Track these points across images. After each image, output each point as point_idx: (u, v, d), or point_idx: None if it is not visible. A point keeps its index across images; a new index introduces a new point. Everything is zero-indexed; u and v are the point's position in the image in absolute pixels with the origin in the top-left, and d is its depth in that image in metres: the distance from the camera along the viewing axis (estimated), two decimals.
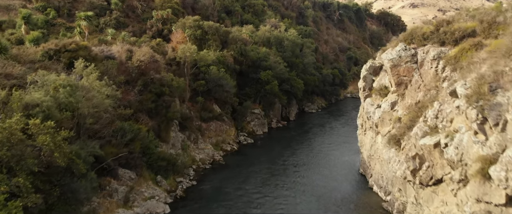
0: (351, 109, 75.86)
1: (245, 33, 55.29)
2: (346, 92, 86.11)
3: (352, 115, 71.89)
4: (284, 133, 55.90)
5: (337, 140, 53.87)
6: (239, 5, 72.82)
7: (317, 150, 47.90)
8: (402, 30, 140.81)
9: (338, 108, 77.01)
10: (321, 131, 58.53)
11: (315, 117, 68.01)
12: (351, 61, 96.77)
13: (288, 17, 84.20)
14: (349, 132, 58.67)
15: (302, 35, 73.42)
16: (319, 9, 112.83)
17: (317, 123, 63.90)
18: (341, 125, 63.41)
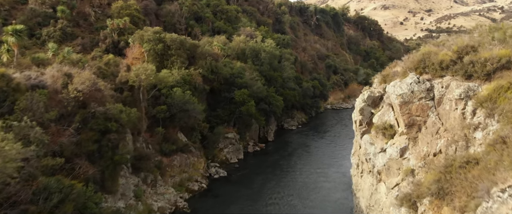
0: (334, 123, 69.54)
1: (216, 46, 47.45)
2: (326, 104, 79.84)
3: (336, 131, 65.59)
4: (263, 158, 48.47)
5: (324, 164, 46.98)
6: (210, 11, 64.82)
7: (303, 182, 40.72)
8: (379, 34, 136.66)
9: (319, 122, 70.43)
10: (305, 153, 51.52)
11: (296, 135, 61.01)
12: (330, 70, 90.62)
13: (265, 24, 76.86)
14: (336, 153, 52.03)
15: (280, 45, 66.30)
16: (295, 14, 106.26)
17: (300, 142, 56.89)
18: (326, 144, 56.64)
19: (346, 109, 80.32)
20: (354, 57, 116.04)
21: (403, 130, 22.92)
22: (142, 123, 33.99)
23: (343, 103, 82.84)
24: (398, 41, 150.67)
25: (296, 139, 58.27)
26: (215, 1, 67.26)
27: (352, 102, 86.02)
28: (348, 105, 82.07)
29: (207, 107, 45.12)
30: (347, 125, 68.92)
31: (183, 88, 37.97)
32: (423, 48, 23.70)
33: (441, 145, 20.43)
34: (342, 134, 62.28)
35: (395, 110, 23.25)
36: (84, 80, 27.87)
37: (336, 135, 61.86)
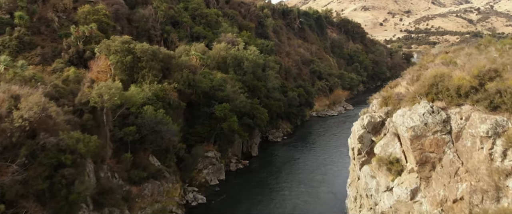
0: (321, 133, 65.85)
1: (194, 55, 42.91)
2: (312, 111, 76.22)
3: (324, 142, 61.84)
4: (247, 178, 44.18)
5: (315, 181, 43.06)
6: (188, 16, 60.08)
7: (293, 204, 36.73)
8: (361, 37, 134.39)
9: (306, 131, 66.64)
10: (293, 169, 47.48)
11: (282, 147, 56.97)
12: (315, 75, 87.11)
13: (247, 28, 72.60)
14: (326, 167, 48.17)
15: (264, 51, 62.24)
16: (278, 17, 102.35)
17: (286, 156, 52.88)
18: (314, 157, 52.71)
19: (332, 117, 76.97)
20: (337, 61, 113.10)
21: (414, 167, 19.22)
22: (106, 149, 29.27)
23: (329, 110, 79.39)
24: (381, 44, 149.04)
25: (282, 152, 54.29)
26: (194, 5, 62.58)
27: (337, 109, 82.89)
28: (333, 113, 78.72)
29: (184, 122, 40.61)
30: (335, 133, 65.52)
31: (155, 105, 33.37)
32: (434, 70, 20.04)
33: (463, 191, 16.78)
34: (331, 145, 58.74)
35: (404, 143, 19.53)
36: (32, 106, 23.03)
37: (324, 146, 58.22)
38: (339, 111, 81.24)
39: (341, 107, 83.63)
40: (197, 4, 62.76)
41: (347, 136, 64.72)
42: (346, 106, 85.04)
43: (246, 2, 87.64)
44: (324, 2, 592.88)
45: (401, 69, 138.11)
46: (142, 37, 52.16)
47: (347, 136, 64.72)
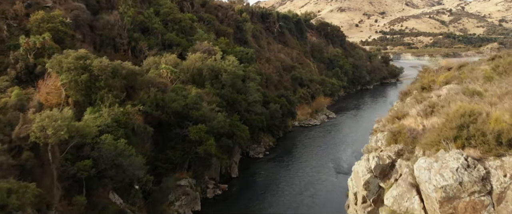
0: (305, 145, 61.22)
1: (165, 69, 37.53)
2: (294, 121, 71.91)
3: (309, 156, 56.70)
4: (226, 205, 38.91)
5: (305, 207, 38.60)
6: (159, 21, 54.43)
7: None
8: (341, 41, 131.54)
9: (290, 144, 62.07)
10: (278, 193, 42.45)
11: (264, 164, 52.13)
12: (297, 82, 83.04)
13: (225, 34, 67.52)
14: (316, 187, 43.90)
15: (244, 60, 57.39)
16: (257, 21, 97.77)
17: (269, 175, 47.99)
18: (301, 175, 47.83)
19: (315, 126, 72.89)
20: (318, 65, 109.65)
21: None
22: (53, 192, 23.71)
23: (311, 119, 75.30)
24: (361, 48, 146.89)
25: (265, 171, 49.48)
26: (166, 9, 56.94)
27: (320, 117, 78.92)
28: (316, 122, 74.66)
29: (153, 146, 35.24)
30: (320, 145, 61.30)
31: (115, 133, 27.90)
32: (460, 106, 15.76)
33: None
34: (317, 159, 54.50)
35: (427, 202, 15.09)
36: None
37: (310, 161, 53.84)
38: (322, 119, 77.35)
39: (324, 115, 79.80)
40: (170, 9, 57.16)
41: (332, 147, 61.06)
42: (329, 114, 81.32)
43: (223, 5, 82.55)
44: (301, 3, 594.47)
45: (381, 72, 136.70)
46: (106, 46, 46.36)
47: (332, 147, 61.06)
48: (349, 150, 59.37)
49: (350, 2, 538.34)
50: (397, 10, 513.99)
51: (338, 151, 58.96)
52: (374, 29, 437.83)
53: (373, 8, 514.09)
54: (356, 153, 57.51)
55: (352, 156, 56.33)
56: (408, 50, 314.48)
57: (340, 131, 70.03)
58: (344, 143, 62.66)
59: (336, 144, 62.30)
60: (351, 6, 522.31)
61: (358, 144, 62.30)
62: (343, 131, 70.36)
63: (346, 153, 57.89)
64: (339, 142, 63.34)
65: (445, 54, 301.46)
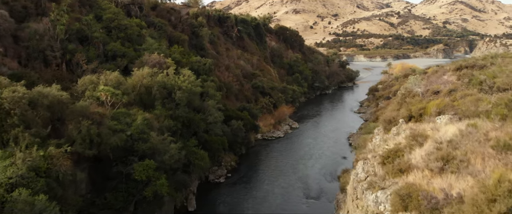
0: (270, 163, 55.36)
1: (102, 92, 30.52)
2: (257, 134, 66.67)
3: (275, 174, 50.24)
4: None
5: None
6: (100, 29, 46.71)
7: None
8: (300, 45, 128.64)
9: (253, 162, 56.21)
10: None
11: (226, 190, 45.87)
12: (258, 91, 78.00)
13: (179, 41, 60.73)
14: None
15: (201, 71, 51.18)
16: (214, 24, 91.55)
17: (232, 205, 41.88)
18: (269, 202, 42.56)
19: (278, 138, 68.13)
20: (278, 71, 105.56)
21: None
22: None
23: (275, 131, 70.49)
24: (319, 52, 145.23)
25: (227, 199, 43.36)
26: (109, 15, 49.16)
27: (283, 128, 74.28)
28: (280, 134, 69.94)
29: (90, 187, 28.28)
30: (286, 162, 55.85)
31: (33, 186, 20.91)
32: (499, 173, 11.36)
33: None
34: (284, 178, 49.59)
35: None
36: None
37: (276, 180, 48.64)
38: (285, 130, 72.84)
39: (287, 125, 75.40)
40: (114, 14, 49.49)
41: (299, 163, 56.20)
42: (292, 124, 77.08)
43: (176, 8, 75.47)
44: (257, 3, 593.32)
45: (338, 77, 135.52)
46: (34, 60, 38.15)
47: (299, 163, 56.20)
48: (317, 165, 55.11)
49: (304, 4, 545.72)
50: (349, 12, 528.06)
51: (306, 167, 54.49)
52: (328, 31, 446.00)
53: (326, 10, 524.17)
54: (324, 169, 53.34)
55: (320, 174, 52.06)
56: (360, 52, 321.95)
57: (305, 143, 65.83)
58: (311, 157, 58.40)
59: (303, 158, 57.83)
60: (305, 8, 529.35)
61: (326, 159, 58.31)
62: (308, 143, 66.24)
63: (314, 170, 53.54)
64: (306, 156, 58.99)
65: (395, 56, 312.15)
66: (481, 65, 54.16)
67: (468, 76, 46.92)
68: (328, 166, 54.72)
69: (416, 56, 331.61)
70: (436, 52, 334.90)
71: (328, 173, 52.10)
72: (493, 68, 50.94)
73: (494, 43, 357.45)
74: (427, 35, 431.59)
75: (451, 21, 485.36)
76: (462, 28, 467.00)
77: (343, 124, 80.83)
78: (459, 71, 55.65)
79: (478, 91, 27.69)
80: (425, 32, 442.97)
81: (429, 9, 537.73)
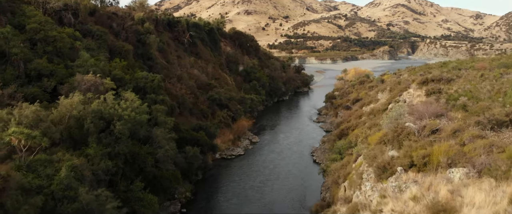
0: (232, 190, 49.19)
1: (14, 135, 22.49)
2: (215, 154, 59.97)
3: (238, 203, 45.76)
4: None
5: None
6: (22, 42, 37.53)
7: None
8: (255, 50, 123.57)
9: (211, 190, 49.12)
10: None
11: None
12: (215, 104, 71.27)
13: (121, 52, 52.40)
14: None
15: (148, 88, 43.60)
16: (164, 29, 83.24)
17: None
18: None
19: (238, 157, 61.89)
20: (234, 78, 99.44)
21: None
22: None
23: (234, 148, 64.18)
24: (275, 58, 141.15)
25: None
26: (34, 25, 39.99)
27: (243, 144, 68.10)
28: (240, 151, 63.68)
29: None
30: (249, 187, 49.51)
31: None
32: None
33: None
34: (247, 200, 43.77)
35: None
36: None
37: (242, 210, 42.73)
38: (245, 146, 66.80)
39: (247, 140, 69.47)
40: (40, 24, 40.46)
41: (265, 188, 50.25)
42: (252, 138, 71.29)
43: (119, 13, 66.49)
44: (207, 3, 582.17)
45: (295, 82, 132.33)
46: None
47: (265, 188, 50.25)
48: (284, 188, 49.50)
49: (255, 5, 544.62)
50: (299, 14, 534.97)
51: (272, 190, 48.61)
52: (280, 33, 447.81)
53: (277, 12, 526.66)
54: (292, 193, 47.88)
55: (288, 199, 46.49)
56: (312, 54, 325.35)
57: (268, 160, 60.16)
58: (277, 178, 52.83)
59: (268, 179, 51.99)
60: (257, 9, 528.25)
61: (293, 179, 52.56)
62: (272, 159, 60.66)
63: (281, 194, 47.80)
64: (272, 176, 53.35)
65: (345, 58, 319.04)
66: (448, 79, 51.97)
67: (442, 94, 44.03)
68: (296, 190, 49.43)
69: (363, 58, 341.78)
70: (382, 54, 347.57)
71: (297, 199, 46.81)
72: (462, 82, 48.82)
73: (434, 45, 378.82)
74: (372, 37, 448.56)
75: (394, 24, 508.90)
76: (404, 30, 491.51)
77: (304, 135, 76.59)
78: (426, 85, 53.16)
79: (475, 125, 23.52)
80: (370, 34, 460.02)
81: (374, 11, 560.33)
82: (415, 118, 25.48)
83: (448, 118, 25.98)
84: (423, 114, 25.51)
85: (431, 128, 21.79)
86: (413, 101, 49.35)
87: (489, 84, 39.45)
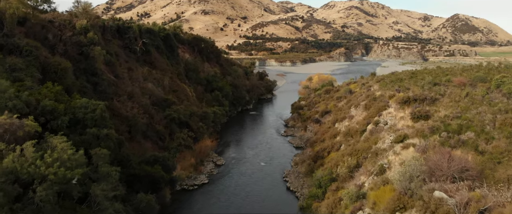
0: None
1: None
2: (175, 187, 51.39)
3: None
4: None
5: None
6: None
7: None
8: (217, 57, 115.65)
9: None
10: None
11: None
12: (174, 123, 62.59)
13: (56, 71, 42.62)
14: None
15: (88, 121, 34.58)
16: (112, 37, 72.96)
17: None
18: None
19: (202, 186, 53.74)
20: (195, 88, 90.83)
21: None
22: None
23: (197, 176, 56.01)
24: (237, 64, 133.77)
25: None
26: None
27: (207, 168, 59.90)
28: (203, 179, 55.48)
29: None
30: None
31: None
32: None
33: None
34: None
35: None
36: None
37: None
38: (210, 170, 58.82)
39: (211, 163, 61.61)
40: None
41: None
42: (216, 160, 63.51)
43: (57, 20, 55.86)
44: (162, 2, 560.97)
45: (258, 90, 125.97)
46: None
47: None
48: None
49: (213, 5, 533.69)
50: (257, 15, 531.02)
51: None
52: (238, 34, 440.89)
53: (235, 12, 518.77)
54: None
55: None
56: (272, 56, 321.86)
57: (238, 187, 52.41)
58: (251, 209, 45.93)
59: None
60: (214, 9, 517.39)
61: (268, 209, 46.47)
62: (242, 185, 53.06)
63: None
64: (246, 209, 46.29)
65: (303, 60, 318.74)
66: (432, 98, 47.56)
67: (431, 119, 39.12)
68: None
69: (321, 60, 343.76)
70: (338, 56, 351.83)
71: None
72: (448, 103, 44.50)
73: (387, 46, 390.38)
74: (328, 39, 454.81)
75: (348, 25, 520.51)
76: (358, 31, 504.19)
77: (274, 151, 70.08)
78: (408, 106, 48.39)
79: None
80: (326, 35, 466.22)
81: (329, 13, 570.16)
82: (437, 178, 19.50)
83: (481, 174, 20.29)
84: (446, 171, 19.56)
85: (477, 208, 15.72)
86: (397, 125, 44.29)
87: (488, 111, 35.00)
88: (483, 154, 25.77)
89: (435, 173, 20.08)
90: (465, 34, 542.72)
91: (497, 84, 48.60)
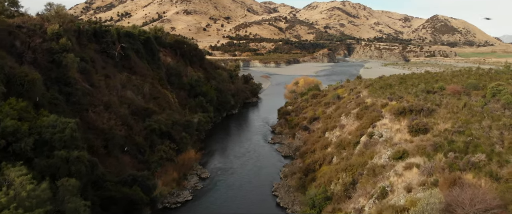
0: None
1: None
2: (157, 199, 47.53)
3: None
4: None
5: None
6: None
7: None
8: (200, 60, 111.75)
9: None
10: None
11: None
12: (155, 135, 58.63)
13: (23, 83, 38.28)
14: None
15: (57, 142, 30.61)
16: (88, 41, 68.31)
17: None
18: None
19: (185, 204, 50.08)
20: (177, 94, 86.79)
21: None
22: None
23: (180, 192, 52.31)
24: (222, 68, 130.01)
25: None
26: None
27: (190, 183, 56.03)
28: (187, 195, 51.61)
29: None
30: None
31: None
32: None
33: None
34: None
35: None
36: None
37: None
38: (193, 185, 55.18)
39: (195, 177, 57.96)
40: None
41: None
42: (201, 172, 59.90)
43: (26, 24, 51.18)
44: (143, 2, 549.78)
45: (243, 94, 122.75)
46: None
47: None
48: None
49: (195, 5, 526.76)
50: (241, 15, 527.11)
51: None
52: (222, 34, 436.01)
53: (218, 12, 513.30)
54: None
55: None
56: (256, 57, 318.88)
57: (224, 205, 49.23)
58: None
59: None
60: (197, 9, 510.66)
61: None
62: (228, 203, 50.01)
63: None
64: None
65: (287, 61, 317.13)
66: (429, 109, 45.40)
67: (431, 133, 36.85)
68: None
69: (305, 61, 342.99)
70: (322, 57, 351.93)
71: None
72: (446, 115, 42.46)
73: (369, 47, 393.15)
74: (311, 39, 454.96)
75: (331, 26, 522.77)
76: (340, 32, 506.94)
77: (262, 160, 66.99)
78: (404, 117, 46.12)
79: None
80: (310, 36, 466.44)
81: (312, 14, 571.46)
82: None
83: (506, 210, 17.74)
84: (468, 209, 16.92)
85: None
86: (393, 139, 41.82)
87: (493, 126, 32.87)
88: (498, 180, 23.34)
89: (456, 212, 17.42)
90: (444, 35, 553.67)
91: (493, 93, 46.89)
